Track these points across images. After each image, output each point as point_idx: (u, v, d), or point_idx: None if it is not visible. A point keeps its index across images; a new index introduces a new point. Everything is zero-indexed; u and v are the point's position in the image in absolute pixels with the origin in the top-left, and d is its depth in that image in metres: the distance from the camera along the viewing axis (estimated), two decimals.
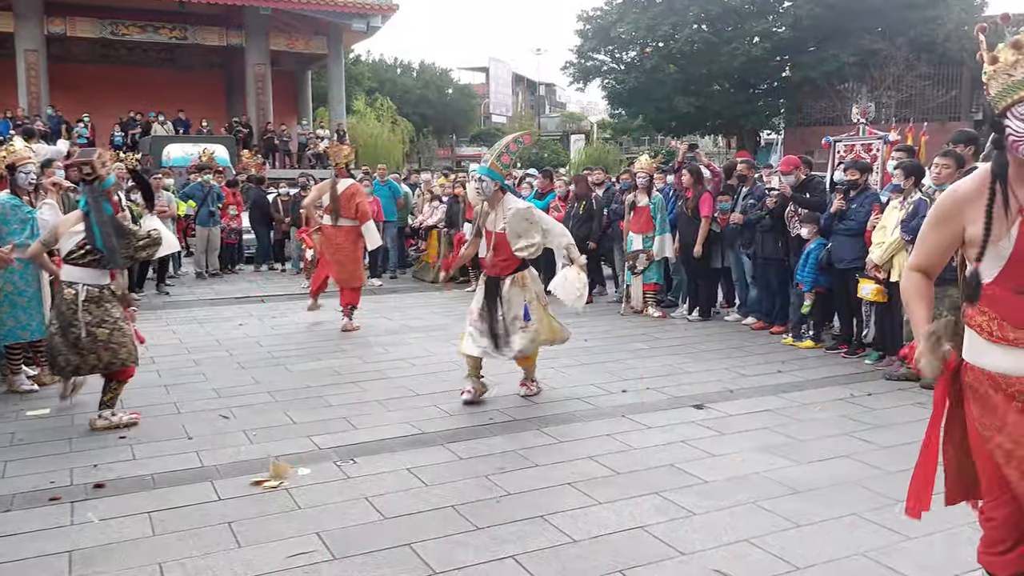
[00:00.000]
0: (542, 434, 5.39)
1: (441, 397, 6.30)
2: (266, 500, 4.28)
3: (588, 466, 4.77)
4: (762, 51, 28.93)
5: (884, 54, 26.53)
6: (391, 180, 13.84)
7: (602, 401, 6.18)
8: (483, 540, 3.79)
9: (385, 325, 9.43)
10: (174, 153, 20.77)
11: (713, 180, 9.54)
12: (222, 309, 10.70)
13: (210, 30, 27.56)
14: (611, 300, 10.89)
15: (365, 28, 28.46)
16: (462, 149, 52.66)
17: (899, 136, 9.28)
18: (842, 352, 7.65)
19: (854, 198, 7.37)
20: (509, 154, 6.29)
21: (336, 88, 30.19)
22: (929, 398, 6.02)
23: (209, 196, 13.56)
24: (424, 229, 13.68)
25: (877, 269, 6.90)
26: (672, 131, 34.60)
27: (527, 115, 56.15)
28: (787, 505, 4.18)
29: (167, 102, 26.88)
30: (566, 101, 73.46)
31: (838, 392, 6.38)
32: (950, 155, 6.39)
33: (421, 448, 5.13)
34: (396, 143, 36.00)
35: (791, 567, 3.52)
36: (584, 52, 32.96)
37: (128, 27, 26.45)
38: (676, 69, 30.46)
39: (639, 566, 3.54)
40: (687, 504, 4.19)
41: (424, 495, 4.35)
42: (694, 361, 7.47)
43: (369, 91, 41.43)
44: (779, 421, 5.64)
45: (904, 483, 4.43)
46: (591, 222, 10.61)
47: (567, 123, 59.46)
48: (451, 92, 52.59)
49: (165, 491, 4.39)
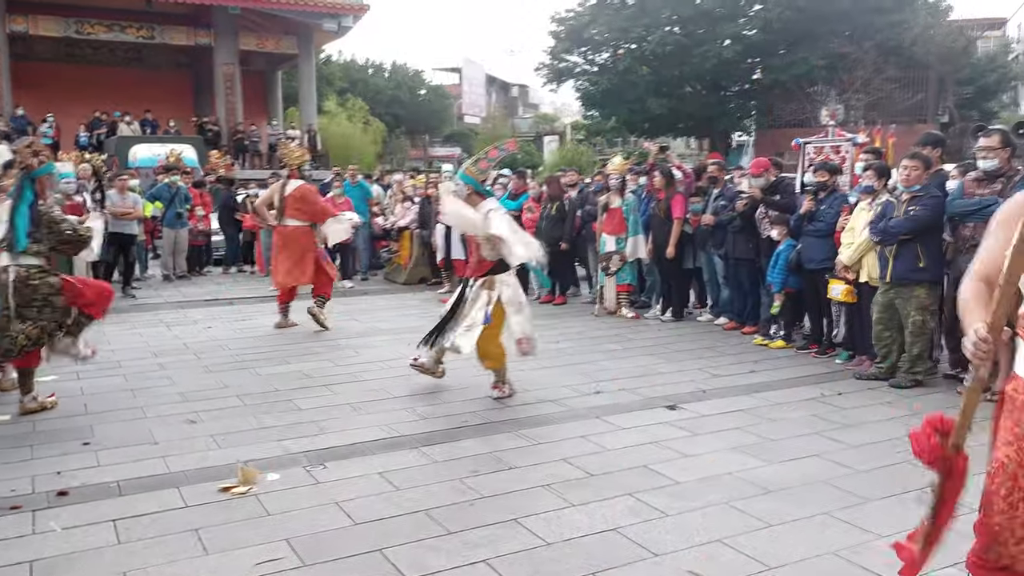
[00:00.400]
0: (516, 436, 5.35)
1: (414, 400, 6.26)
2: (234, 506, 4.21)
3: (562, 468, 4.75)
4: (733, 53, 29.12)
5: (852, 57, 26.83)
6: (362, 181, 13.76)
7: (576, 402, 6.16)
8: (455, 544, 3.75)
9: (356, 327, 9.36)
10: (141, 154, 20.50)
11: (685, 181, 9.57)
12: (190, 312, 10.57)
13: (178, 29, 27.25)
14: (585, 301, 10.89)
15: (336, 28, 28.27)
16: (435, 150, 52.46)
17: (867, 138, 9.35)
18: (812, 352, 7.70)
19: (823, 199, 7.42)
20: (488, 160, 6.40)
21: (307, 88, 29.96)
22: (898, 397, 6.11)
23: (176, 197, 13.39)
24: (396, 230, 13.60)
25: (846, 270, 6.95)
26: (645, 132, 34.71)
27: (501, 116, 56.06)
28: (759, 505, 4.18)
29: (134, 102, 26.53)
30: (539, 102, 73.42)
31: (809, 392, 6.42)
32: (917, 157, 6.46)
33: (393, 452, 5.07)
34: (368, 144, 35.86)
35: (763, 567, 3.51)
36: (557, 53, 33.00)
37: (94, 26, 26.06)
38: (649, 71, 30.58)
39: (612, 568, 3.52)
40: (660, 505, 4.18)
41: (396, 499, 4.30)
42: (667, 362, 7.48)
43: (341, 91, 41.20)
44: (751, 421, 5.65)
45: (874, 481, 4.48)
46: (563, 223, 10.61)
47: (540, 124, 59.45)
48: (424, 93, 52.42)
49: (130, 498, 4.30)
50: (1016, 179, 5.89)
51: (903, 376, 6.47)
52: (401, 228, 13.36)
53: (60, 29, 25.59)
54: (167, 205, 13.30)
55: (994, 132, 6.28)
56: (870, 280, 6.74)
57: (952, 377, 6.69)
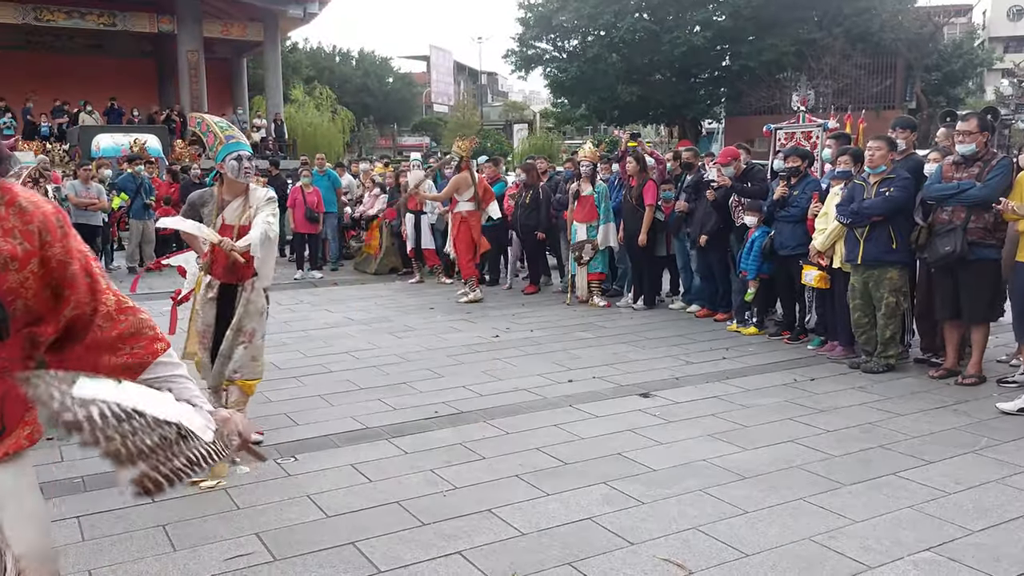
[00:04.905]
0: (489, 426, 5.31)
1: (385, 391, 6.19)
2: (203, 501, 4.12)
3: (536, 457, 4.72)
4: (703, 40, 29.16)
5: (821, 44, 26.99)
6: (330, 170, 13.61)
7: (549, 391, 6.13)
8: (429, 536, 3.71)
9: (326, 318, 9.26)
10: (104, 143, 20.17)
11: (657, 168, 9.55)
12: (157, 304, 10.39)
13: (140, 16, 26.69)
14: (556, 290, 10.86)
15: (302, 14, 27.92)
16: (404, 139, 52.17)
17: (837, 124, 9.39)
18: (784, 338, 7.73)
19: (796, 185, 7.43)
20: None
21: (273, 76, 29.54)
22: (871, 382, 6.15)
23: (142, 188, 13.17)
24: (365, 220, 13.47)
25: (820, 256, 6.97)
26: (615, 120, 34.68)
27: (469, 104, 55.81)
28: (734, 491, 4.18)
29: (97, 91, 26.02)
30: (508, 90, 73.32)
31: (781, 378, 6.43)
32: (882, 138, 6.54)
33: (365, 443, 5.02)
34: (336, 132, 35.52)
35: (739, 554, 3.51)
36: (526, 40, 32.82)
37: (53, 12, 25.42)
38: (618, 58, 30.53)
39: (588, 557, 3.49)
40: (635, 493, 4.16)
41: (368, 491, 4.25)
42: (640, 350, 7.48)
43: (308, 80, 40.77)
44: (724, 408, 5.65)
45: (847, 466, 4.50)
46: (538, 211, 10.55)
47: (510, 112, 59.29)
48: (392, 81, 52.08)
49: (95, 494, 4.20)
50: (993, 163, 5.93)
51: (876, 361, 6.50)
52: (370, 217, 13.23)
53: (18, 16, 24.92)
54: (133, 196, 13.08)
55: (971, 116, 6.31)
56: (843, 266, 6.77)
57: (923, 361, 6.75)
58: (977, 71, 37.15)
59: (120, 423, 1.56)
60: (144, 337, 1.93)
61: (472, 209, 10.09)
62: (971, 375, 6.13)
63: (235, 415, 1.94)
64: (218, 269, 5.01)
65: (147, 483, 1.55)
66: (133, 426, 1.57)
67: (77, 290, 1.82)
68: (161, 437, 1.61)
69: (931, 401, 5.75)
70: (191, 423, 1.70)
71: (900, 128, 6.93)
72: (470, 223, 10.09)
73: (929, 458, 4.62)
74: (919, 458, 4.62)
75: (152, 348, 1.93)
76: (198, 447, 1.68)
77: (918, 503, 4.01)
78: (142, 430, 1.58)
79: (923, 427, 5.18)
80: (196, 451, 1.67)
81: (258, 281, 5.02)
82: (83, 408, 1.52)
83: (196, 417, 1.77)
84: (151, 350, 1.92)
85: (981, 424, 5.24)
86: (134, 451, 1.54)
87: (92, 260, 1.89)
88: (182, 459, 1.63)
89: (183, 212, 5.08)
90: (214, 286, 5.07)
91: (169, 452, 1.60)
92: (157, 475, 1.56)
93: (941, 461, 4.59)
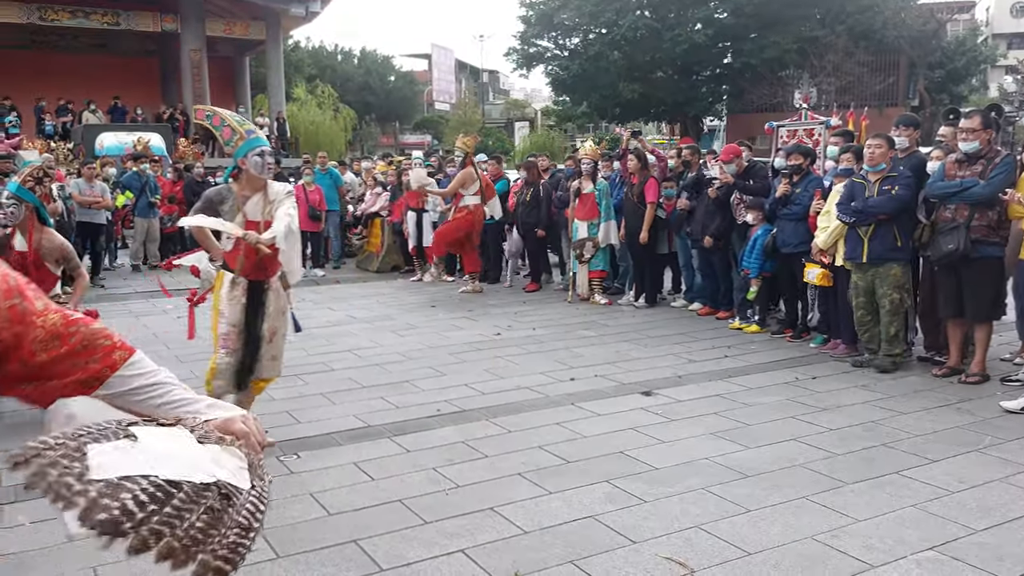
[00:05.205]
0: (491, 424, 5.31)
1: (387, 389, 6.19)
2: None
3: (538, 456, 4.72)
4: (704, 38, 29.15)
5: (823, 41, 26.95)
6: (332, 168, 13.61)
7: (551, 389, 6.13)
8: (431, 534, 3.71)
9: (328, 316, 9.26)
10: (107, 142, 20.17)
11: (658, 166, 9.54)
12: (160, 301, 10.40)
13: (143, 15, 26.74)
14: (557, 288, 10.86)
15: (304, 13, 27.95)
16: (406, 137, 52.18)
17: (840, 121, 9.37)
18: (787, 336, 7.71)
19: (798, 182, 7.42)
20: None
21: (275, 75, 29.58)
22: (873, 380, 6.14)
23: (147, 186, 13.18)
24: (367, 217, 13.48)
25: (822, 254, 6.96)
26: (616, 118, 34.69)
27: (471, 102, 55.80)
28: (736, 490, 4.18)
29: (100, 89, 26.05)
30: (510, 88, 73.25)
31: (784, 376, 6.43)
32: (881, 136, 6.53)
33: (367, 441, 5.02)
34: (338, 131, 35.53)
35: (742, 552, 3.51)
36: (527, 38, 32.83)
37: (57, 12, 25.49)
38: (620, 56, 30.51)
39: (591, 556, 3.49)
40: (637, 491, 4.16)
41: (370, 489, 4.25)
42: (642, 348, 7.47)
43: (309, 78, 40.79)
44: (727, 406, 5.65)
45: (850, 465, 4.50)
46: (539, 209, 10.56)
47: (511, 110, 59.27)
48: (393, 79, 52.07)
49: None
50: (997, 160, 5.91)
51: (883, 358, 6.47)
52: (372, 215, 13.24)
53: (23, 15, 25.00)
54: (138, 194, 13.09)
55: (974, 114, 6.29)
56: (845, 264, 6.76)
57: (926, 360, 6.74)
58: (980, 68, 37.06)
59: (162, 507, 1.31)
60: (98, 349, 1.69)
61: (478, 202, 10.22)
62: (974, 373, 6.12)
63: (249, 421, 1.71)
64: (249, 266, 4.88)
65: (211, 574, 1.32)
66: (176, 508, 1.32)
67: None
68: (209, 511, 1.36)
69: (934, 400, 5.74)
70: (226, 473, 1.46)
71: (903, 126, 6.91)
72: (475, 216, 10.23)
73: (932, 457, 4.61)
74: (922, 457, 4.62)
75: (110, 360, 1.70)
76: (244, 505, 1.44)
77: (921, 502, 4.00)
78: (187, 509, 1.33)
79: (926, 426, 5.18)
80: (244, 511, 1.43)
81: (285, 277, 4.99)
82: (114, 497, 1.27)
83: (227, 460, 1.51)
84: (108, 363, 1.69)
85: (985, 423, 5.23)
86: (189, 543, 1.31)
87: (24, 285, 1.63)
88: (235, 531, 1.39)
89: (199, 209, 4.86)
90: (240, 284, 4.91)
91: (221, 527, 1.37)
92: (220, 563, 1.34)
93: (944, 460, 4.58)
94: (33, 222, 5.32)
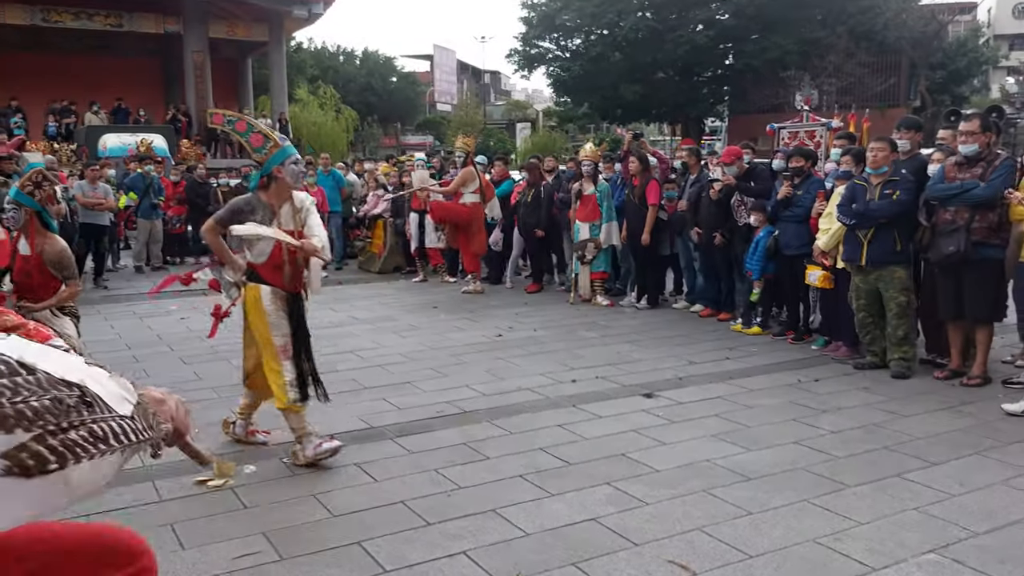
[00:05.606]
0: (492, 426, 5.33)
1: (389, 390, 6.21)
2: (210, 499, 4.15)
3: (539, 457, 4.73)
4: (706, 39, 29.18)
5: (825, 42, 26.96)
6: (335, 170, 13.64)
7: (552, 391, 6.14)
8: (434, 536, 3.72)
9: (331, 317, 9.27)
10: (110, 143, 20.21)
11: (660, 167, 9.56)
12: (163, 302, 10.42)
13: (146, 17, 26.79)
14: (559, 289, 10.87)
15: (307, 14, 27.99)
16: (407, 138, 52.20)
17: (841, 123, 9.39)
18: (789, 338, 7.72)
19: (800, 184, 7.43)
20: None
21: (278, 76, 29.60)
22: (875, 383, 6.14)
23: (151, 187, 13.21)
24: (370, 219, 13.51)
25: (824, 255, 6.96)
26: (617, 119, 34.74)
27: (473, 103, 55.82)
28: (738, 492, 4.19)
29: (103, 91, 26.10)
30: (511, 89, 73.31)
31: (786, 378, 6.43)
32: (883, 139, 6.53)
33: (369, 443, 5.04)
34: (340, 132, 35.55)
35: (743, 555, 3.52)
36: (529, 40, 32.88)
37: (60, 13, 25.55)
38: (621, 57, 30.54)
39: (593, 558, 3.50)
40: (639, 494, 4.17)
41: (373, 491, 4.27)
42: (643, 349, 7.48)
43: (312, 79, 40.80)
44: (728, 408, 5.66)
45: (852, 467, 4.51)
46: (540, 210, 10.59)
47: (513, 111, 59.32)
48: (395, 80, 52.07)
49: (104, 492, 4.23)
50: (996, 163, 5.92)
51: (897, 362, 6.41)
52: (374, 217, 13.27)
53: (26, 17, 25.06)
54: (141, 196, 13.12)
55: (973, 116, 6.29)
56: (846, 266, 6.76)
57: (928, 362, 6.74)
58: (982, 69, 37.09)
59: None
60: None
61: (477, 201, 10.28)
62: (976, 376, 6.12)
63: (171, 397, 1.66)
64: (296, 278, 4.74)
65: (25, 457, 1.25)
66: (15, 383, 1.27)
67: None
68: (54, 400, 1.30)
69: (936, 402, 5.74)
70: (101, 388, 1.40)
71: (905, 129, 6.91)
72: (473, 213, 10.33)
73: (934, 459, 4.62)
74: (924, 459, 4.62)
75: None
76: (108, 420, 1.37)
77: (923, 505, 4.01)
78: (27, 389, 1.28)
79: (928, 428, 5.18)
80: (105, 424, 1.36)
81: (312, 288, 4.85)
82: None
83: (109, 383, 1.45)
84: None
85: (986, 425, 5.23)
86: (12, 413, 1.24)
87: None
88: (82, 431, 1.31)
89: (223, 219, 4.63)
90: (280, 296, 4.71)
91: (64, 419, 1.30)
92: (41, 447, 1.26)
93: (946, 463, 4.59)
94: (35, 226, 5.32)
